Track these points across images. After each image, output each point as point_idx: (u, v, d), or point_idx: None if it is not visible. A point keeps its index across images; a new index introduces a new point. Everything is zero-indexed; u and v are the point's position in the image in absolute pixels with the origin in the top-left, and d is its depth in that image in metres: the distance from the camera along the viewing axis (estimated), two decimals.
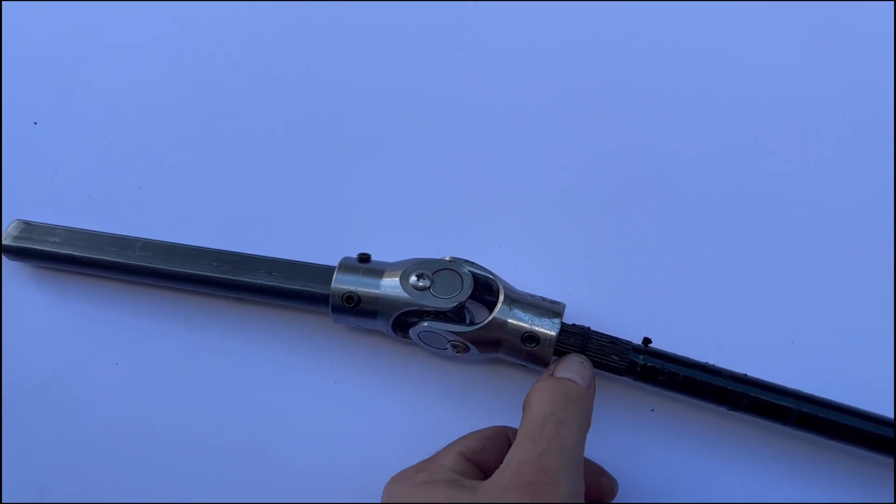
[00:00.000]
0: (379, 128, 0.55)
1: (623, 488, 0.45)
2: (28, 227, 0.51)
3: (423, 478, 0.39)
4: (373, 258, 0.48)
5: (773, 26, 0.58)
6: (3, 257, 0.52)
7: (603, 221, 0.52)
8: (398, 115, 0.56)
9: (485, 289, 0.47)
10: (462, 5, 0.58)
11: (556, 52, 0.57)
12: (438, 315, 0.45)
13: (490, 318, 0.44)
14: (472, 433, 0.44)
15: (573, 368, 0.42)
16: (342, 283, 0.46)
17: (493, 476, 0.36)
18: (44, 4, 0.60)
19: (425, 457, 0.42)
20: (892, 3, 0.55)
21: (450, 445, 0.42)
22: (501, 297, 0.45)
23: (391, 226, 0.53)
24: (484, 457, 0.42)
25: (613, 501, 0.44)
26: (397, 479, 0.40)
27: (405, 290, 0.45)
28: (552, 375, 0.42)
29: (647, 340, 0.45)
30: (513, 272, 0.50)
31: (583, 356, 0.43)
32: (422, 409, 0.49)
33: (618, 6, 0.59)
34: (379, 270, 0.46)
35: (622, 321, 0.49)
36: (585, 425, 0.39)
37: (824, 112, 0.56)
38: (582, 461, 0.38)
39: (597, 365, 0.44)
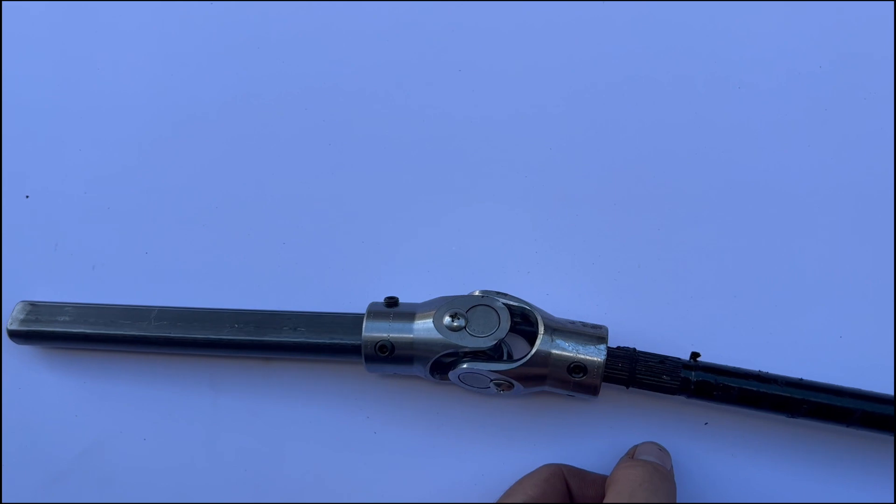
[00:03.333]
0: (388, 163, 0.53)
1: None
2: (34, 308, 0.49)
3: None
4: (400, 300, 0.46)
5: (776, 29, 0.54)
6: (11, 342, 0.49)
7: (633, 232, 0.50)
8: (408, 149, 0.53)
9: (521, 319, 0.45)
10: (470, 35, 0.55)
11: (565, 65, 0.54)
12: (477, 354, 0.43)
13: (533, 351, 0.42)
14: (527, 477, 0.42)
15: (654, 453, 0.42)
16: (373, 332, 0.44)
17: None
18: (23, 60, 0.57)
19: None
20: (892, 2, 0.53)
21: (510, 494, 0.41)
22: (541, 328, 0.43)
23: (413, 264, 0.50)
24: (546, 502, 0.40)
25: None
26: None
27: (440, 332, 0.43)
28: (633, 458, 0.42)
29: (695, 355, 0.44)
30: (545, 296, 0.48)
31: (660, 445, 0.44)
32: (468, 452, 0.47)
33: (624, 13, 0.55)
34: (410, 314, 0.44)
35: (664, 334, 0.47)
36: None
37: (854, 110, 0.51)
38: None
39: (648, 386, 0.43)
